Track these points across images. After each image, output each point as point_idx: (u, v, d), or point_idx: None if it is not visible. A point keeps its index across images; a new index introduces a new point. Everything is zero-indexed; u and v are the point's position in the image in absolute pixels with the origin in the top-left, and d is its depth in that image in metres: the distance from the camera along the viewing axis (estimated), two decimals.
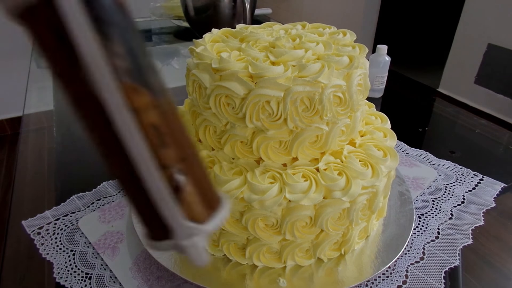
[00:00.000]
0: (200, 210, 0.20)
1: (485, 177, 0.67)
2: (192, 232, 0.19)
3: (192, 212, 0.19)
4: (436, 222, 0.57)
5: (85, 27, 0.15)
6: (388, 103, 0.95)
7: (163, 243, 0.19)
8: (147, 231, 0.20)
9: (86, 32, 0.15)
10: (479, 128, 0.85)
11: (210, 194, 0.21)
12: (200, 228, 0.19)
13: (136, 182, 0.18)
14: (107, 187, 0.64)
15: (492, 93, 2.02)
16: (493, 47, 1.96)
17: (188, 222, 0.19)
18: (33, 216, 0.58)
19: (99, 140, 0.18)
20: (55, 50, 0.16)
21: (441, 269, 0.49)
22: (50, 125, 0.86)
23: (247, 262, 0.47)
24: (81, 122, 0.18)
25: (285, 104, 0.40)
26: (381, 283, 0.47)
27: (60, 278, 0.48)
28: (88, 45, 0.15)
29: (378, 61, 0.90)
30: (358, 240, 0.50)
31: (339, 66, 0.42)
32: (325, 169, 0.43)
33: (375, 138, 0.49)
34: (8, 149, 2.13)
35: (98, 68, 0.16)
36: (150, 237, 0.20)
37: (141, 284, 0.47)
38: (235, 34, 0.51)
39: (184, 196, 0.19)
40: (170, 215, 0.18)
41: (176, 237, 0.19)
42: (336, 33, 0.50)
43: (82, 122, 0.18)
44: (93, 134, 0.18)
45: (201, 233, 0.19)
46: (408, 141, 0.78)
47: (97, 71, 0.16)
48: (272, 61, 0.43)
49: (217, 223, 0.20)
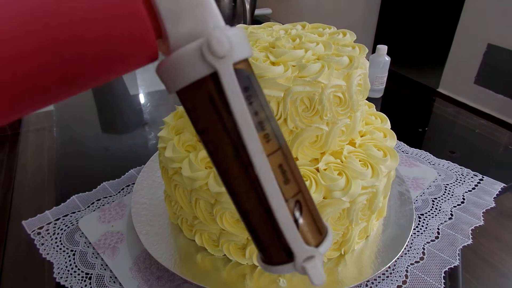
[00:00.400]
0: (314, 236, 0.22)
1: (485, 177, 0.67)
2: (312, 255, 0.22)
3: (308, 238, 0.22)
4: (436, 222, 0.57)
5: (238, 92, 0.20)
6: (388, 103, 0.95)
7: (284, 266, 0.22)
8: (265, 257, 0.23)
9: (239, 96, 0.20)
10: (479, 128, 0.85)
11: (319, 221, 0.23)
12: (317, 251, 0.22)
13: (265, 214, 0.21)
14: (107, 187, 0.64)
15: (492, 93, 2.02)
16: (493, 47, 1.96)
17: (307, 246, 0.22)
18: (33, 216, 0.58)
19: (235, 183, 0.21)
20: (209, 112, 0.20)
21: (441, 269, 0.49)
22: (50, 125, 0.86)
23: (247, 262, 0.47)
24: (217, 167, 0.22)
25: (285, 104, 0.40)
26: (381, 283, 0.47)
27: (60, 278, 0.48)
28: (240, 108, 0.20)
29: (378, 61, 0.90)
30: (358, 240, 0.50)
31: (339, 66, 0.42)
32: (325, 169, 0.43)
33: (375, 138, 0.49)
34: (8, 149, 2.13)
35: (246, 127, 0.20)
36: (268, 262, 0.23)
37: (141, 284, 0.47)
38: None
39: (302, 225, 0.22)
40: (294, 241, 0.21)
41: (298, 260, 0.22)
42: (336, 33, 0.50)
43: (218, 167, 0.22)
44: (230, 178, 0.22)
45: (318, 256, 0.22)
46: (408, 141, 0.78)
47: (245, 129, 0.20)
48: (272, 61, 0.43)
49: (328, 246, 0.23)
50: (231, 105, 0.20)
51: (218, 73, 0.19)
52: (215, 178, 0.42)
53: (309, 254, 0.21)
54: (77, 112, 0.94)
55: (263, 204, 0.21)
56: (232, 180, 0.22)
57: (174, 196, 0.48)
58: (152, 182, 0.61)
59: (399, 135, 0.52)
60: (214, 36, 0.19)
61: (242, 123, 0.20)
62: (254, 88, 0.21)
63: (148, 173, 0.63)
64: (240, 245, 0.47)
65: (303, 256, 0.21)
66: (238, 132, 0.20)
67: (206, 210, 0.45)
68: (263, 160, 0.20)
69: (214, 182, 0.41)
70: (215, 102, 0.20)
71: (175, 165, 0.45)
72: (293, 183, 0.22)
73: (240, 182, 0.21)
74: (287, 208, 0.21)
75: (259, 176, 0.20)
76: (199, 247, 0.50)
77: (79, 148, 0.78)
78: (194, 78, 0.19)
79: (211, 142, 0.21)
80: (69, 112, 0.93)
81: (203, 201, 0.44)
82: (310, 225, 0.22)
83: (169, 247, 0.49)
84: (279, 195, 0.21)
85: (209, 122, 0.20)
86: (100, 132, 0.86)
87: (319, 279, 0.22)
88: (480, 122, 0.87)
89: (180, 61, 0.19)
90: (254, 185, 0.21)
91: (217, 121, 0.20)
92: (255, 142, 0.20)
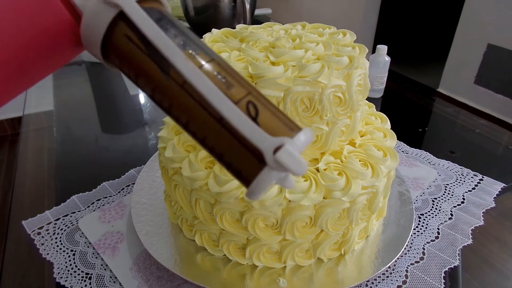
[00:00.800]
0: (281, 129, 0.20)
1: (485, 177, 0.67)
2: (280, 144, 0.19)
3: (273, 130, 0.20)
4: (436, 222, 0.57)
5: (149, 21, 0.20)
6: (388, 103, 0.95)
7: (261, 174, 0.20)
8: (244, 179, 0.21)
9: (150, 23, 0.20)
10: (479, 128, 0.85)
11: (287, 120, 0.21)
12: (288, 139, 0.19)
13: (219, 125, 0.20)
14: (107, 187, 0.64)
15: (492, 93, 2.02)
16: (493, 47, 1.96)
17: (273, 137, 0.19)
18: (33, 216, 0.58)
19: (180, 108, 0.21)
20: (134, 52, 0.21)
21: (441, 269, 0.49)
22: (50, 125, 0.86)
23: (247, 262, 0.47)
24: (162, 106, 0.22)
25: (285, 104, 0.40)
26: (381, 283, 0.47)
27: (60, 278, 0.48)
28: (155, 33, 0.20)
29: (378, 61, 0.90)
30: (358, 240, 0.50)
31: (339, 66, 0.42)
32: (325, 169, 0.43)
33: (375, 138, 0.49)
34: (8, 149, 2.13)
35: (168, 48, 0.20)
36: (250, 184, 0.21)
37: (141, 284, 0.47)
38: (235, 34, 0.51)
39: (262, 119, 0.20)
40: (255, 136, 0.19)
41: (267, 156, 0.19)
42: (336, 33, 0.50)
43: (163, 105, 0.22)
44: (174, 105, 0.21)
45: (290, 143, 0.19)
46: (408, 141, 0.78)
47: (168, 50, 0.20)
48: (272, 61, 0.43)
49: (304, 140, 0.20)
50: (146, 34, 0.20)
51: (123, 10, 0.20)
52: (215, 178, 0.42)
53: (277, 144, 0.19)
54: (77, 112, 0.94)
55: (213, 115, 0.20)
56: (178, 108, 0.21)
57: (174, 196, 0.48)
58: (152, 182, 0.61)
59: (399, 135, 0.52)
60: None
61: (162, 46, 0.20)
62: (168, 17, 0.22)
63: (148, 173, 0.63)
64: (240, 245, 0.47)
65: (270, 148, 0.19)
66: (163, 56, 0.20)
67: (206, 210, 0.45)
68: (195, 70, 0.20)
69: (214, 182, 0.41)
70: (133, 40, 0.20)
71: (175, 165, 0.45)
72: (238, 87, 0.21)
73: (184, 104, 0.21)
74: (238, 109, 0.20)
75: (197, 87, 0.20)
76: (199, 247, 0.50)
77: (79, 148, 0.78)
78: (106, 23, 0.20)
79: (148, 83, 0.21)
80: (69, 112, 0.93)
81: (203, 201, 0.44)
82: (273, 120, 0.21)
83: (169, 247, 0.49)
84: (224, 99, 0.20)
85: (137, 63, 0.21)
86: (100, 132, 0.86)
87: (297, 167, 0.19)
88: (480, 122, 0.87)
89: (89, 16, 0.20)
90: (198, 100, 0.20)
91: (142, 57, 0.21)
92: (181, 58, 0.20)
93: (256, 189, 0.20)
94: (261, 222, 0.43)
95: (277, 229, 0.44)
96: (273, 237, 0.44)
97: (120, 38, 0.21)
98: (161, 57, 0.20)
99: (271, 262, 0.47)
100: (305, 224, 0.44)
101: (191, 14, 1.24)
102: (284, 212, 0.42)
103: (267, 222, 0.43)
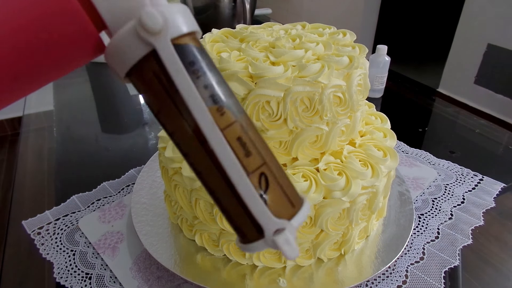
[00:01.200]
0: (285, 209, 0.22)
1: (485, 177, 0.67)
2: (282, 227, 0.21)
3: (278, 211, 0.21)
4: (436, 222, 0.57)
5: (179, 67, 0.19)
6: (388, 103, 0.95)
7: (256, 243, 0.21)
8: (240, 236, 0.23)
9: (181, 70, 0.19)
10: (479, 128, 0.85)
11: (292, 194, 0.22)
12: (288, 223, 0.21)
13: (229, 190, 0.21)
14: (107, 187, 0.64)
15: (492, 93, 2.02)
16: (493, 47, 1.96)
17: (277, 218, 0.21)
18: (33, 216, 0.58)
19: (197, 161, 0.21)
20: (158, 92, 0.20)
21: (441, 269, 0.49)
22: (50, 125, 0.86)
23: (247, 262, 0.47)
24: (179, 148, 0.21)
25: (285, 104, 0.40)
26: (381, 283, 0.47)
27: (60, 278, 0.48)
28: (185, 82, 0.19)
29: (378, 61, 0.90)
30: (358, 240, 0.50)
31: (339, 66, 0.42)
32: (325, 169, 0.43)
33: (375, 138, 0.49)
34: (8, 149, 2.13)
35: (195, 103, 0.19)
36: (243, 241, 0.22)
37: (141, 284, 0.47)
38: (235, 34, 0.51)
39: (270, 197, 0.21)
40: (260, 214, 0.21)
41: (267, 235, 0.21)
42: (336, 33, 0.50)
43: (180, 148, 0.21)
44: (191, 157, 0.21)
45: (290, 228, 0.21)
46: (408, 141, 0.78)
47: (194, 105, 0.19)
48: (272, 61, 0.43)
49: (302, 219, 0.22)
50: (175, 81, 0.19)
51: (156, 50, 0.19)
52: None
53: (278, 227, 0.21)
54: (77, 112, 0.94)
55: (226, 179, 0.20)
56: (194, 159, 0.21)
57: (174, 196, 0.48)
58: (152, 182, 0.61)
59: (399, 135, 0.52)
60: (145, 12, 0.19)
61: (188, 98, 0.19)
62: (202, 62, 0.21)
63: (148, 173, 0.63)
64: None
65: (272, 229, 0.21)
66: (187, 108, 0.20)
67: (206, 210, 0.45)
68: (217, 133, 0.20)
69: None
70: (161, 80, 0.20)
71: (175, 165, 0.45)
72: (256, 155, 0.21)
73: (201, 159, 0.21)
74: (250, 182, 0.20)
75: (215, 150, 0.20)
76: (199, 247, 0.50)
77: (79, 148, 0.78)
78: (135, 58, 0.19)
79: (167, 123, 0.21)
80: (69, 112, 0.93)
81: (203, 201, 0.44)
82: (279, 197, 0.22)
83: (169, 247, 0.49)
84: (239, 169, 0.20)
85: (160, 102, 0.20)
86: (100, 132, 0.86)
87: (291, 253, 0.21)
88: (480, 122, 0.87)
89: (120, 44, 0.19)
90: (214, 161, 0.20)
91: (167, 99, 0.20)
92: (206, 116, 0.20)
93: (249, 249, 0.22)
94: None
95: None
96: None
97: (147, 73, 0.20)
98: (186, 109, 0.20)
99: (271, 262, 0.47)
100: (305, 224, 0.44)
101: None
102: None
103: None
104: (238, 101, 0.22)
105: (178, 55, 0.19)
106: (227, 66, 0.41)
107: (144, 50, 0.19)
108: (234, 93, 0.43)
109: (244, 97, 0.40)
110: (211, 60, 0.21)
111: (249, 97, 0.40)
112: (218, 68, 0.42)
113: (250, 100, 0.40)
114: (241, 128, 0.21)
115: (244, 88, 0.40)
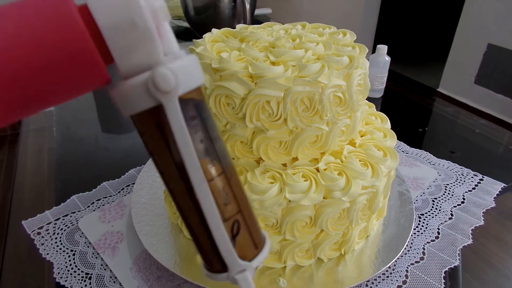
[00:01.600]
0: (249, 250, 0.25)
1: (485, 177, 0.67)
2: (243, 268, 0.24)
3: (244, 252, 0.24)
4: (436, 222, 0.57)
5: (182, 124, 0.21)
6: (388, 103, 0.95)
7: (219, 275, 0.25)
8: (206, 264, 0.26)
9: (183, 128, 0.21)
10: (479, 128, 0.85)
11: (257, 236, 0.26)
12: (249, 265, 0.24)
13: (204, 230, 0.23)
14: (107, 187, 0.64)
15: (492, 93, 2.02)
16: (493, 47, 1.96)
17: (241, 260, 0.24)
18: (33, 216, 0.58)
19: (181, 202, 0.24)
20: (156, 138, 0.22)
21: (441, 269, 0.49)
22: (50, 125, 0.86)
23: None
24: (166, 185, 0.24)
25: (285, 104, 0.40)
26: (381, 283, 0.47)
27: (60, 278, 0.48)
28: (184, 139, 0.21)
29: (378, 61, 0.90)
30: (358, 240, 0.50)
31: (339, 66, 0.42)
32: (325, 169, 0.43)
33: (375, 138, 0.49)
34: (8, 149, 2.13)
35: (189, 156, 0.21)
36: (208, 269, 0.26)
37: (141, 284, 0.47)
38: (235, 34, 0.51)
39: (238, 241, 0.24)
40: (228, 256, 0.24)
41: (231, 272, 0.24)
42: (336, 33, 0.50)
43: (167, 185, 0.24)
44: (176, 197, 0.24)
45: (250, 269, 0.24)
46: (408, 141, 0.78)
47: (187, 157, 0.21)
48: (272, 61, 0.43)
49: (261, 260, 0.25)
50: (175, 135, 0.21)
51: (163, 107, 0.20)
52: None
53: (241, 268, 0.24)
54: (77, 112, 0.94)
55: (204, 223, 0.23)
56: (178, 198, 0.24)
57: None
58: (152, 182, 0.61)
59: (399, 135, 0.52)
60: (159, 72, 0.20)
61: (185, 154, 0.21)
62: (202, 115, 0.22)
63: (148, 173, 0.63)
64: None
65: (235, 270, 0.24)
66: (181, 160, 0.22)
67: None
68: (204, 187, 0.22)
69: None
70: (161, 130, 0.21)
71: None
72: (233, 204, 0.24)
73: (185, 202, 0.23)
74: (224, 228, 0.23)
75: (199, 199, 0.22)
76: None
77: (79, 148, 0.78)
78: (142, 107, 0.21)
79: (159, 164, 0.23)
80: (69, 112, 0.93)
81: None
82: (246, 241, 0.25)
83: (169, 247, 0.49)
84: (217, 218, 0.23)
85: (157, 147, 0.22)
86: (100, 132, 0.86)
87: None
88: (480, 122, 0.87)
89: (129, 91, 0.20)
90: (195, 205, 0.23)
91: (164, 147, 0.22)
92: (197, 171, 0.22)
93: (213, 278, 0.25)
94: (261, 222, 0.43)
95: (277, 229, 0.44)
96: (273, 237, 0.44)
97: (150, 121, 0.21)
98: (180, 158, 0.21)
99: (271, 262, 0.47)
100: (305, 224, 0.44)
101: (191, 14, 1.24)
102: (284, 212, 0.42)
103: (267, 222, 0.43)
104: (226, 149, 0.25)
105: (182, 110, 0.21)
106: (227, 66, 0.41)
107: (152, 103, 0.20)
108: (233, 93, 0.43)
109: (244, 97, 0.40)
110: (209, 113, 0.23)
111: (249, 97, 0.40)
112: (218, 68, 0.42)
113: (250, 100, 0.40)
114: (225, 179, 0.24)
115: (244, 88, 0.40)
